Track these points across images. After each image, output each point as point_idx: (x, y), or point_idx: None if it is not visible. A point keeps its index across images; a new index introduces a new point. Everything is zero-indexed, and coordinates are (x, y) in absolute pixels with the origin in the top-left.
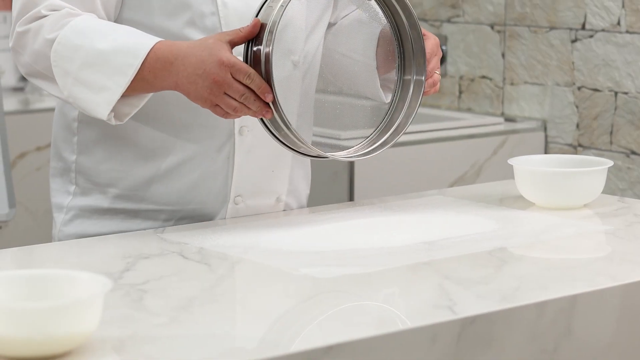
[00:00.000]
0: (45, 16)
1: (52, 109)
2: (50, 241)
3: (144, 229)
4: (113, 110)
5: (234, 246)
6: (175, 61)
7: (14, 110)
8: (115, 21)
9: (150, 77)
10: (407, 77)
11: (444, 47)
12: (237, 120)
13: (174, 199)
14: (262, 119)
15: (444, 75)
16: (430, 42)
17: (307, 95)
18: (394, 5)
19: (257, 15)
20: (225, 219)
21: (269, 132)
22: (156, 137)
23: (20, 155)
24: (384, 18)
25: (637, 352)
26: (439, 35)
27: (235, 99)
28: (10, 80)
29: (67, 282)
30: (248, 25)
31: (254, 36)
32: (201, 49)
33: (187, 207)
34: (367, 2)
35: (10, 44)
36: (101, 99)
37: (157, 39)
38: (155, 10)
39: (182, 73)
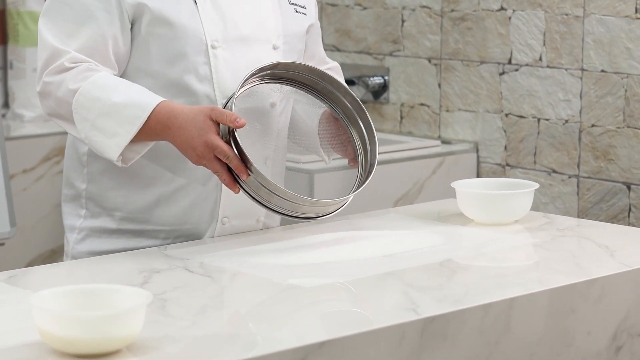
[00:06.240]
0: (68, 68)
1: (31, 136)
2: (41, 257)
3: (147, 246)
4: (121, 154)
5: (229, 261)
6: (172, 127)
7: None
8: (126, 69)
9: (152, 132)
10: (357, 128)
11: (386, 77)
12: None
13: (172, 220)
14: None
15: (387, 102)
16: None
17: (281, 133)
18: (326, 88)
19: (227, 101)
20: (213, 236)
21: (251, 199)
22: (155, 169)
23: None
24: (322, 104)
25: (562, 344)
26: (382, 67)
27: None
28: None
29: (114, 294)
30: (233, 117)
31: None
32: (193, 125)
33: (183, 227)
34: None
35: (38, 89)
36: (113, 143)
37: (160, 100)
38: (155, 59)
39: (176, 139)
